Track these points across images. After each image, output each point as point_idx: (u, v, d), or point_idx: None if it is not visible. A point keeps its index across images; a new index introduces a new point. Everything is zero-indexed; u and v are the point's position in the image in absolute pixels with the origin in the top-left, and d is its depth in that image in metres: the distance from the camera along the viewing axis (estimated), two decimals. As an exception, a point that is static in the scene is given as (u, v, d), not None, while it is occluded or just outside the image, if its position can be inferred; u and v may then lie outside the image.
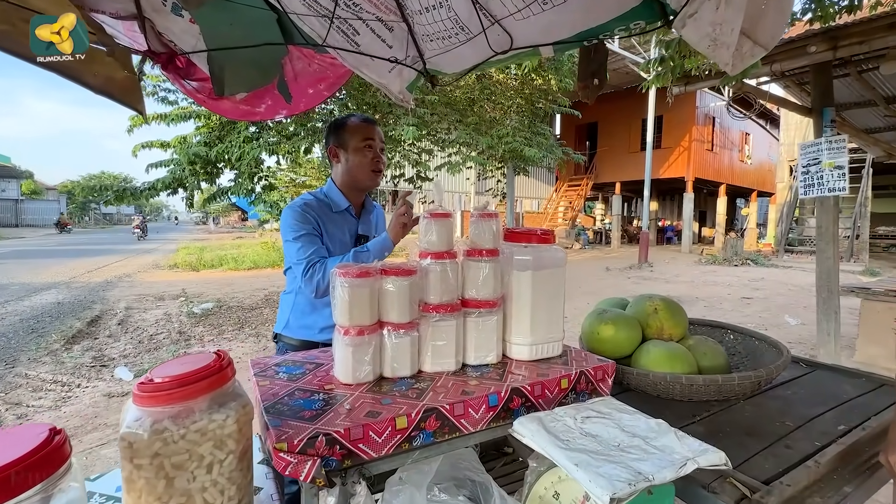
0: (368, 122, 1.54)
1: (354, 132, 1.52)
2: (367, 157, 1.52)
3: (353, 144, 1.52)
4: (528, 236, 1.19)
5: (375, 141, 1.53)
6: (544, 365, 1.15)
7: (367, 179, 1.56)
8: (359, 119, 1.54)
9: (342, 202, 1.57)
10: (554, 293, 1.20)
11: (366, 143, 1.51)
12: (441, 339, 1.09)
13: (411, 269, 1.05)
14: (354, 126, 1.52)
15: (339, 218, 1.56)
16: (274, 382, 1.02)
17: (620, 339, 1.34)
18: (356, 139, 1.51)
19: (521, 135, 6.85)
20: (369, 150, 1.51)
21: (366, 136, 1.52)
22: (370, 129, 1.53)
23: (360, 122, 1.53)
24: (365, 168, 1.53)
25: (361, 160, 1.52)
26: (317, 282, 1.37)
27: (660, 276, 10.31)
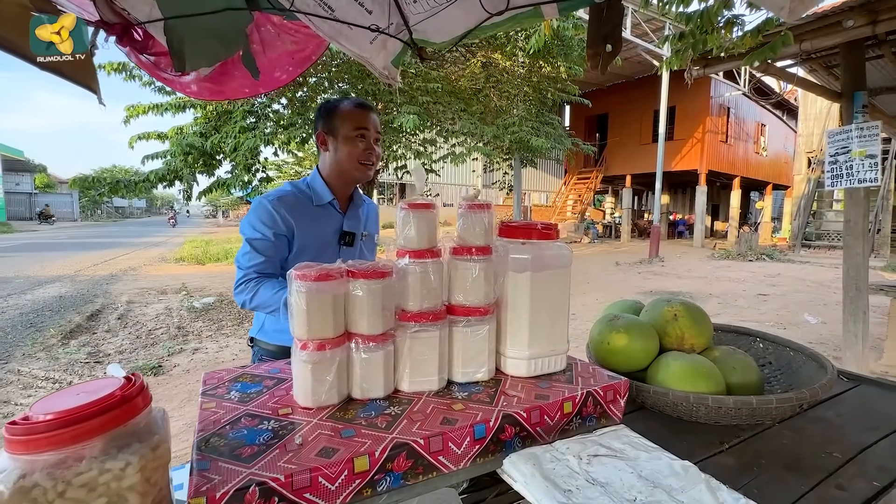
0: (363, 108, 1.35)
1: (346, 119, 1.33)
2: (359, 147, 1.34)
3: (343, 132, 1.33)
4: (527, 231, 1.01)
5: (369, 131, 1.34)
6: (545, 383, 0.98)
7: (356, 172, 1.38)
8: (352, 104, 1.35)
9: (325, 195, 1.39)
10: (557, 298, 1.03)
11: (358, 133, 1.33)
12: (421, 353, 0.92)
13: (385, 271, 0.88)
14: (347, 112, 1.34)
15: (320, 212, 1.39)
16: (221, 404, 0.86)
17: (634, 350, 1.16)
18: (347, 127, 1.33)
19: (529, 124, 6.60)
20: (361, 140, 1.34)
21: (358, 124, 1.33)
22: (364, 117, 1.34)
23: (353, 108, 1.34)
24: (354, 160, 1.35)
25: (351, 151, 1.34)
26: (243, 301, 1.26)
27: (671, 272, 10.04)
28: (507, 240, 1.03)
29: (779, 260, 11.93)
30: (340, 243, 1.39)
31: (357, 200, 1.48)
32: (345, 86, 5.45)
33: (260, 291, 1.25)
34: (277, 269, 1.31)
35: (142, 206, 69.14)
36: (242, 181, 5.04)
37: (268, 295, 1.23)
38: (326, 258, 1.12)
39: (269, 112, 5.24)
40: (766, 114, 20.58)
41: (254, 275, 1.28)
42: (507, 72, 6.68)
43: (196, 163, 4.95)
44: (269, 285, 1.25)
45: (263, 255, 1.27)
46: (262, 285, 1.25)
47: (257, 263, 1.27)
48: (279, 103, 5.45)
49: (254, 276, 1.28)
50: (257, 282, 1.27)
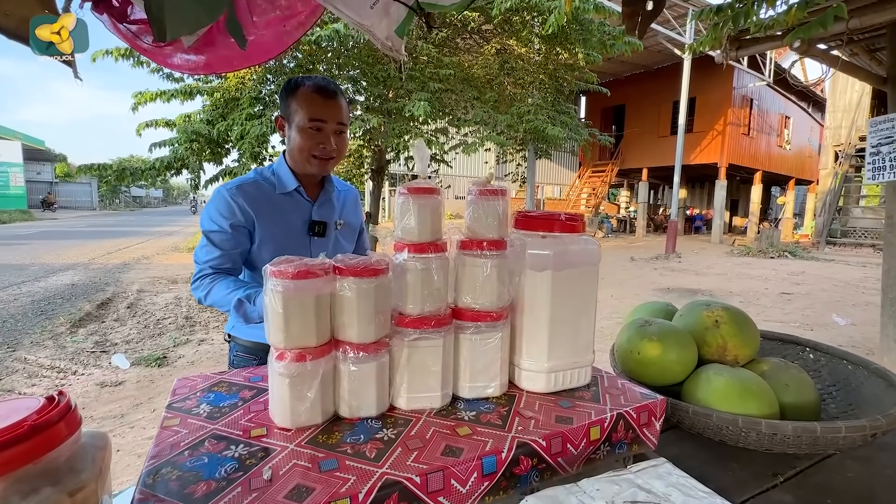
0: (323, 95, 1.15)
1: (301, 106, 1.14)
2: (312, 140, 1.16)
3: (297, 121, 1.15)
4: (549, 222, 0.86)
5: (327, 122, 1.15)
6: (566, 401, 0.83)
7: (309, 166, 1.20)
8: (311, 88, 1.14)
9: (290, 182, 1.22)
10: (582, 301, 0.88)
11: (313, 125, 1.14)
12: (422, 365, 0.78)
13: (379, 268, 0.74)
14: (303, 98, 1.14)
15: (284, 201, 1.23)
16: (186, 421, 0.73)
17: (669, 361, 1.00)
18: (300, 116, 1.15)
19: (544, 113, 6.36)
20: (317, 132, 1.15)
21: (314, 114, 1.14)
22: (321, 107, 1.14)
23: (311, 94, 1.14)
24: (306, 153, 1.17)
25: (303, 143, 1.16)
26: (199, 298, 1.15)
27: (689, 268, 9.74)
28: (525, 232, 0.88)
29: (802, 257, 11.51)
30: (310, 234, 1.24)
31: (328, 187, 1.30)
32: (355, 72, 5.30)
33: (213, 290, 1.11)
34: (238, 264, 1.19)
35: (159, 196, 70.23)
36: (250, 169, 4.92)
37: (220, 294, 1.09)
38: (294, 250, 0.98)
39: (276, 99, 5.11)
40: (791, 105, 19.85)
41: (209, 270, 1.15)
42: (522, 59, 6.44)
43: (203, 151, 4.87)
44: (224, 284, 1.11)
45: (220, 248, 1.15)
46: (216, 283, 1.12)
47: (213, 258, 1.15)
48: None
49: (209, 272, 1.14)
50: (213, 278, 1.13)
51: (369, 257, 0.74)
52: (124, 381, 3.37)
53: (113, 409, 2.93)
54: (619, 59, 14.38)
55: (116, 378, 3.44)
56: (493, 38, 6.52)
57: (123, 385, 3.31)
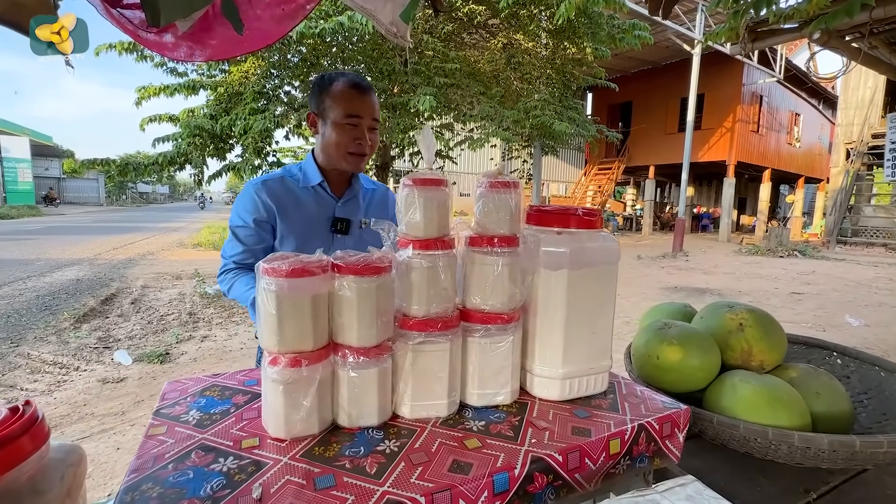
0: (358, 90, 1.13)
1: (337, 102, 1.12)
2: (348, 136, 1.13)
3: (332, 117, 1.13)
4: (564, 217, 0.80)
5: (363, 118, 1.14)
6: (583, 410, 0.77)
7: (344, 163, 1.17)
8: (346, 84, 1.13)
9: (314, 177, 1.21)
10: (600, 303, 0.81)
11: (348, 120, 1.12)
12: (427, 370, 0.72)
13: (381, 265, 0.68)
14: (339, 93, 1.13)
15: (308, 196, 1.21)
16: (173, 430, 0.68)
17: (691, 367, 0.94)
18: (337, 112, 1.12)
19: (551, 108, 6.26)
20: (352, 128, 1.13)
21: (349, 110, 1.12)
22: (357, 103, 1.13)
23: (346, 89, 1.13)
24: (342, 149, 1.15)
25: (339, 139, 1.14)
26: (224, 291, 1.18)
27: (696, 267, 9.62)
28: (539, 228, 0.82)
29: (812, 257, 11.33)
30: (333, 231, 1.20)
31: (355, 185, 1.27)
32: (360, 67, 5.23)
33: (235, 285, 1.11)
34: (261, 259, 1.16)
35: (165, 192, 70.59)
36: (253, 165, 4.88)
37: (240, 290, 1.09)
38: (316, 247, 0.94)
39: (280, 94, 5.07)
40: (802, 103, 19.55)
41: (232, 265, 1.15)
42: (528, 53, 6.33)
43: (207, 146, 4.83)
44: (245, 280, 1.11)
45: (243, 243, 1.15)
46: (238, 278, 1.12)
47: (237, 253, 1.16)
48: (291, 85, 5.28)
49: (233, 267, 1.15)
50: (235, 273, 1.14)
51: (370, 254, 0.68)
52: (126, 378, 3.35)
53: (114, 406, 2.90)
54: (627, 54, 14.21)
55: (118, 374, 3.41)
56: (500, 33, 6.42)
57: (125, 382, 3.28)
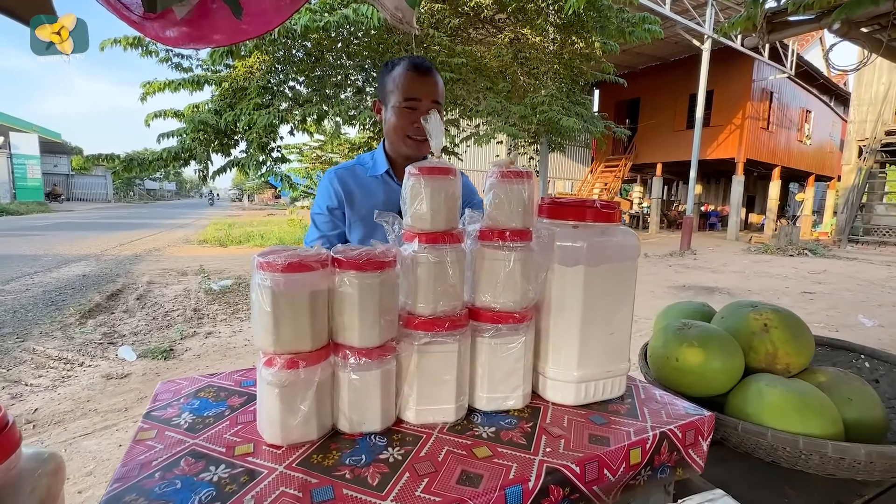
0: (417, 72, 1.11)
1: (396, 85, 1.11)
2: (407, 120, 1.12)
3: (392, 101, 1.13)
4: (581, 210, 0.75)
5: (423, 101, 1.12)
6: (599, 416, 0.72)
7: (405, 148, 1.16)
8: (407, 65, 1.12)
9: (381, 165, 1.22)
10: (618, 302, 0.76)
11: (408, 104, 1.11)
12: (434, 372, 0.68)
13: (384, 260, 0.63)
14: (398, 77, 1.12)
15: (375, 185, 1.21)
16: (163, 434, 0.64)
17: (713, 370, 0.89)
18: (396, 95, 1.12)
19: (559, 103, 6.17)
20: (411, 112, 1.12)
21: (409, 93, 1.11)
22: (416, 85, 1.11)
23: (406, 71, 1.11)
24: (402, 134, 1.14)
25: (398, 123, 1.13)
26: None
27: (705, 265, 9.51)
28: (553, 221, 0.77)
29: (823, 255, 11.16)
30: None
31: None
32: (366, 62, 5.18)
33: None
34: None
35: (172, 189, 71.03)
36: (257, 161, 4.85)
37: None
38: (381, 236, 0.91)
39: (284, 89, 5.03)
40: (813, 99, 19.26)
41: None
42: (536, 48, 6.24)
43: (212, 141, 4.80)
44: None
45: (320, 229, 1.21)
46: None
47: (314, 239, 1.20)
48: (296, 80, 5.24)
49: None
50: None
51: (373, 247, 0.63)
52: (130, 374, 3.34)
53: (117, 402, 2.89)
54: (635, 50, 14.06)
55: (122, 370, 3.40)
56: (507, 28, 6.34)
57: (129, 378, 3.27)
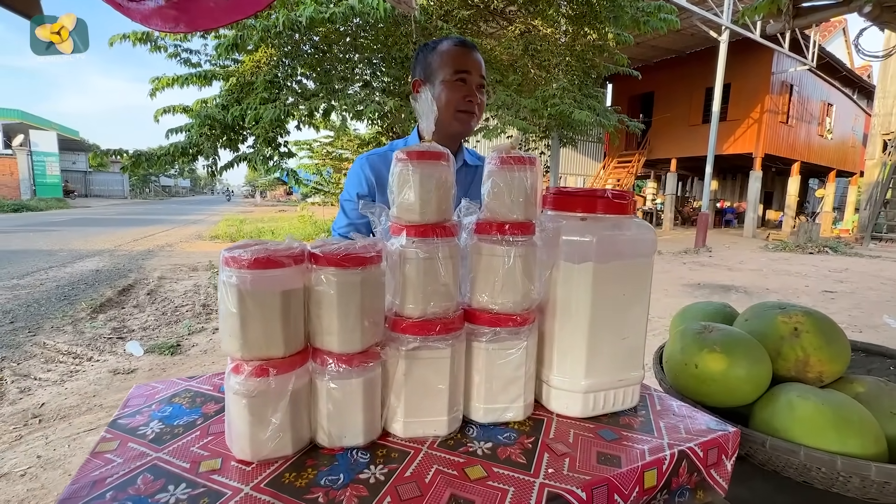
0: (465, 47, 1.11)
1: (444, 60, 1.10)
2: (458, 93, 1.10)
3: (440, 76, 1.10)
4: (590, 200, 0.67)
5: (472, 74, 1.10)
6: (610, 431, 0.65)
7: (455, 123, 1.12)
8: (452, 43, 1.11)
9: None
10: (632, 302, 0.69)
11: (458, 77, 1.09)
12: (423, 381, 0.61)
13: (367, 255, 0.56)
14: (445, 52, 1.11)
15: None
16: (125, 446, 0.58)
17: (736, 378, 0.80)
18: (446, 70, 1.09)
19: (570, 96, 6.02)
20: (461, 84, 1.10)
21: (459, 66, 1.09)
22: (465, 58, 1.10)
23: (453, 47, 1.11)
24: (452, 108, 1.10)
25: (448, 97, 1.10)
26: None
27: (720, 263, 9.28)
28: (560, 213, 0.69)
29: (844, 253, 10.82)
30: None
31: (458, 160, 1.21)
32: (374, 56, 5.12)
33: None
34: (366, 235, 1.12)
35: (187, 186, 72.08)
36: (264, 156, 4.83)
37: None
38: None
39: (291, 83, 4.99)
40: (835, 92, 18.67)
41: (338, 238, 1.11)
42: (547, 40, 6.10)
43: (220, 137, 4.79)
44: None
45: (348, 216, 1.18)
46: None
47: (342, 226, 1.17)
48: (304, 75, 5.20)
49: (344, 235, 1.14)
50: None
51: (354, 241, 0.56)
52: (137, 369, 3.34)
53: (122, 397, 2.87)
54: (650, 43, 13.76)
55: (129, 365, 3.41)
56: (517, 20, 6.21)
57: (135, 373, 3.27)
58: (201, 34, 4.49)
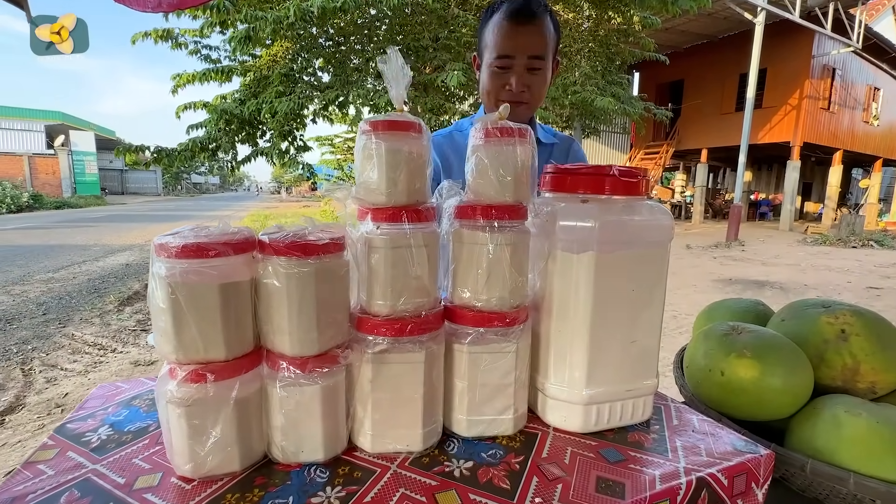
0: (514, 22, 0.93)
1: (491, 41, 0.95)
2: (497, 82, 0.96)
3: (485, 58, 0.97)
4: (593, 178, 0.57)
5: (517, 59, 0.93)
6: (614, 450, 0.55)
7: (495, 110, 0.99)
8: (505, 15, 0.94)
9: None
10: (644, 298, 0.58)
11: (498, 63, 0.94)
12: (394, 388, 0.53)
13: (319, 243, 0.48)
14: (492, 28, 0.95)
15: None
16: (63, 456, 0.52)
17: (771, 389, 0.69)
18: (489, 52, 0.96)
19: (593, 83, 5.77)
20: (503, 72, 0.94)
21: (501, 50, 0.93)
22: (509, 39, 0.93)
23: (501, 21, 0.94)
24: (492, 97, 0.97)
25: (488, 86, 0.97)
26: None
27: (754, 257, 8.85)
28: (558, 195, 0.60)
29: (891, 247, 10.14)
30: None
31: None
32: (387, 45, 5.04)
33: None
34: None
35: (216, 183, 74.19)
36: (280, 149, 4.84)
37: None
38: None
39: (305, 75, 4.98)
40: (882, 75, 17.47)
41: None
42: (569, 25, 5.86)
43: (238, 131, 4.83)
44: None
45: None
46: None
47: None
48: (322, 69, 5.17)
49: None
50: None
51: (305, 227, 0.48)
52: (156, 361, 3.40)
53: (141, 389, 2.94)
54: (679, 28, 13.20)
55: (150, 357, 3.47)
56: (538, 6, 5.99)
57: (154, 365, 3.33)
58: (219, 30, 4.53)
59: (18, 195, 17.51)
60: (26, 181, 21.91)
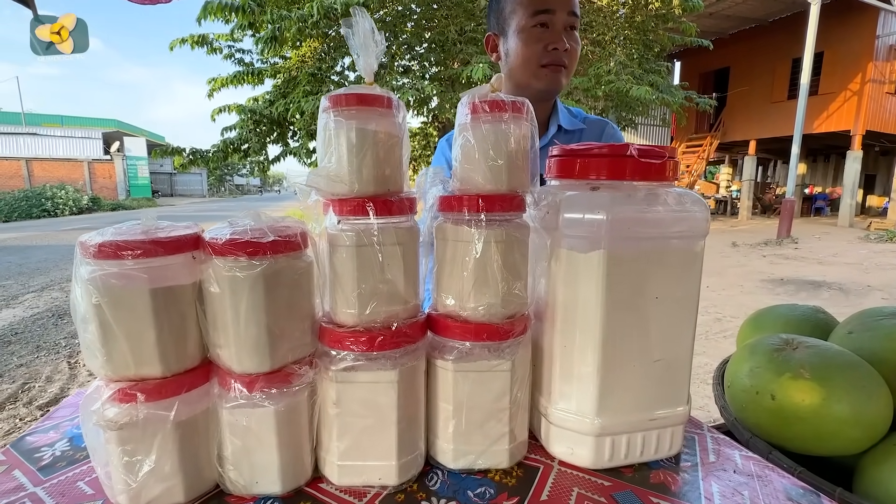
0: None
1: (520, 2, 0.85)
2: (538, 44, 0.84)
3: (515, 24, 0.86)
4: (606, 162, 0.47)
5: (556, 14, 0.84)
6: (632, 495, 0.45)
7: (536, 82, 0.87)
8: None
9: None
10: (669, 306, 0.47)
11: (537, 20, 0.83)
12: (364, 412, 0.45)
13: (264, 241, 0.41)
14: None
15: None
16: (7, 476, 0.48)
17: (837, 418, 0.56)
18: (520, 14, 0.85)
19: (628, 72, 5.46)
20: (542, 29, 0.84)
21: (538, 6, 0.83)
22: None
23: None
24: (532, 64, 0.85)
25: (527, 51, 0.85)
26: None
27: (808, 255, 8.20)
28: (564, 182, 0.50)
29: (970, 244, 9.16)
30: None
31: (552, 127, 0.96)
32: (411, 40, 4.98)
33: None
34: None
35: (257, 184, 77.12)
36: (308, 149, 4.91)
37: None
38: None
39: (331, 75, 5.01)
40: (960, 54, 15.82)
41: None
42: (602, 12, 5.58)
43: (270, 132, 4.93)
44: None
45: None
46: None
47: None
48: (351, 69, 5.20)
49: None
50: None
51: (247, 222, 0.41)
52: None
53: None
54: (724, 12, 12.45)
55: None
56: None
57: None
58: (251, 33, 4.63)
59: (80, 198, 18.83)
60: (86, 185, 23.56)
